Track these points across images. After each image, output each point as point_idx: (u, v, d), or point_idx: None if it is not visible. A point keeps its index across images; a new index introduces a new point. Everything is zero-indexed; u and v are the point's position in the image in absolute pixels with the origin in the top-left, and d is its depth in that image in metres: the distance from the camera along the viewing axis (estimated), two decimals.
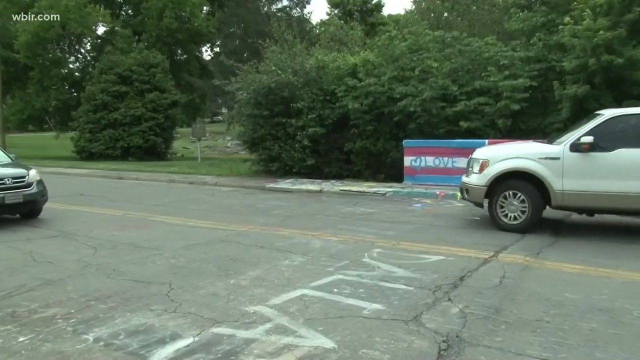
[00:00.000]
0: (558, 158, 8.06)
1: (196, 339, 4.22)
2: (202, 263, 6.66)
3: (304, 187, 14.38)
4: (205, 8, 38.19)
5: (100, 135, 27.22)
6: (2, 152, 11.17)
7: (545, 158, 8.18)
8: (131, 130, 27.02)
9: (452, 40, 15.04)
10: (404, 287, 5.53)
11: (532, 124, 13.55)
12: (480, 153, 9.14)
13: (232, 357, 3.88)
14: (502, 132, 13.44)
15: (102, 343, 4.17)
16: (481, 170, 8.70)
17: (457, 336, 4.22)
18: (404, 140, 14.26)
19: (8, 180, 9.37)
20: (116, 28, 32.59)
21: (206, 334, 4.31)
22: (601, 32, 10.88)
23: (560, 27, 12.44)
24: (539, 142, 9.19)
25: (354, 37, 23.24)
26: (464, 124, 13.34)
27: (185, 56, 38.11)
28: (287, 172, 16.57)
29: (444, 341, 4.12)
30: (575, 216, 9.64)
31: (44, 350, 4.05)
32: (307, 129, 15.61)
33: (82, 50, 34.93)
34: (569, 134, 8.37)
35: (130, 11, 37.63)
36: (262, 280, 5.83)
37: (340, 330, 4.36)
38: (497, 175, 8.48)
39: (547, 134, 13.01)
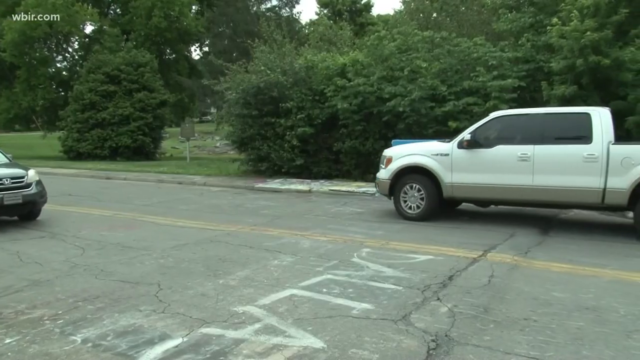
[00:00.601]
0: (447, 154, 9.22)
1: (185, 339, 4.21)
2: (191, 263, 6.63)
3: (293, 187, 14.38)
4: (194, 7, 38.06)
5: (88, 135, 27.02)
6: None
7: (437, 154, 9.35)
8: (119, 130, 26.85)
9: (441, 41, 15.09)
10: (393, 286, 5.55)
11: None
12: (387, 150, 10.32)
13: (221, 358, 3.87)
14: None
15: (90, 344, 4.14)
16: (387, 165, 9.87)
17: (446, 335, 4.23)
18: (393, 140, 14.26)
19: (6, 180, 9.08)
20: (104, 27, 32.33)
21: (195, 335, 4.29)
22: (588, 33, 10.96)
23: (548, 28, 12.52)
24: (441, 140, 10.09)
25: (343, 37, 23.27)
26: (452, 124, 13.38)
27: (174, 55, 37.92)
28: (276, 172, 16.56)
29: (432, 340, 4.14)
30: (563, 215, 9.72)
31: (30, 351, 4.02)
32: (296, 128, 15.61)
33: (70, 49, 34.68)
34: (463, 132, 9.34)
35: (118, 10, 37.37)
36: (251, 280, 5.81)
37: (329, 330, 4.37)
38: (398, 170, 9.66)
39: None
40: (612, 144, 8.10)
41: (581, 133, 8.30)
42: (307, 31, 39.25)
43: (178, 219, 9.84)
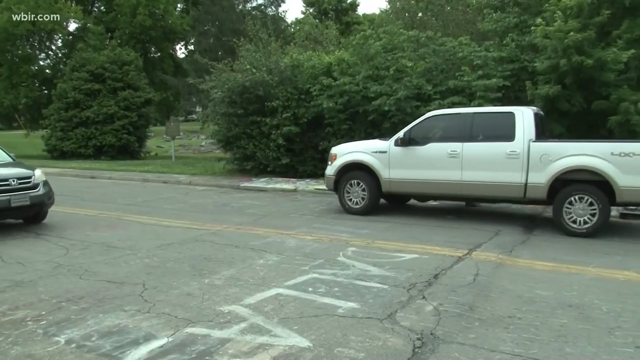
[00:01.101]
0: (385, 152, 9.78)
1: (170, 339, 4.18)
2: (176, 263, 6.60)
3: (278, 186, 14.36)
4: (179, 5, 37.86)
5: (72, 134, 26.77)
6: (1, 151, 10.30)
7: (377, 152, 9.90)
8: (104, 129, 26.63)
9: (426, 40, 15.14)
10: (378, 285, 5.56)
11: None
12: (334, 148, 10.85)
13: (207, 357, 3.86)
14: None
15: (74, 345, 4.11)
16: (332, 162, 10.45)
17: (431, 334, 4.25)
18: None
19: (13, 181, 8.58)
20: (88, 25, 32.05)
21: (180, 334, 4.27)
22: (571, 33, 11.06)
23: (533, 28, 12.61)
24: (382, 139, 10.62)
25: (329, 36, 23.27)
26: None
27: (159, 54, 37.70)
28: (262, 171, 16.53)
29: (418, 339, 4.16)
30: (547, 214, 9.80)
31: (13, 353, 3.97)
32: (282, 127, 15.60)
33: (53, 47, 34.35)
34: (401, 131, 9.86)
35: (102, 7, 37.06)
36: (236, 279, 5.80)
37: (315, 329, 4.37)
38: (342, 167, 10.23)
39: None
40: (533, 141, 8.55)
41: (505, 131, 8.76)
42: (292, 30, 39.21)
43: (163, 219, 9.78)
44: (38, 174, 9.20)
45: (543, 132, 9.46)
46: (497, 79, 13.10)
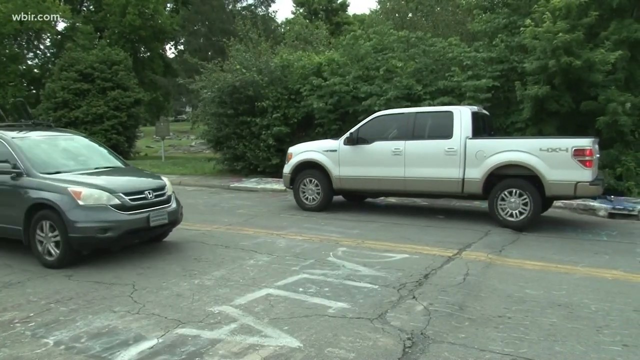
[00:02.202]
0: (336, 150, 10.23)
1: (160, 340, 4.17)
2: (166, 263, 6.57)
3: (268, 186, 14.33)
4: (169, 5, 37.73)
5: None
6: (107, 152, 8.45)
7: (328, 150, 10.36)
8: (93, 129, 26.36)
9: (416, 41, 15.16)
10: (369, 285, 5.57)
11: (495, 123, 13.77)
12: (290, 147, 11.23)
13: (197, 358, 3.85)
14: None
15: (62, 347, 4.08)
16: (288, 161, 10.92)
17: (421, 333, 4.27)
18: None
19: (149, 193, 6.97)
20: (77, 24, 31.87)
21: (170, 335, 4.26)
22: (560, 34, 11.11)
23: (522, 29, 12.65)
24: (334, 138, 11.10)
25: (319, 37, 23.24)
26: None
27: (148, 54, 37.57)
28: (252, 171, 16.50)
29: (408, 339, 4.17)
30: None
31: (0, 355, 3.94)
32: (272, 127, 15.58)
33: (42, 47, 34.11)
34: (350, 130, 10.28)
35: (91, 7, 36.88)
36: (226, 280, 5.79)
37: (305, 329, 4.37)
38: (297, 165, 10.70)
39: (510, 134, 13.28)
40: (469, 139, 8.98)
41: (444, 129, 9.22)
42: (283, 30, 39.18)
43: None
44: (168, 184, 7.66)
45: (484, 130, 9.96)
46: (487, 79, 13.14)
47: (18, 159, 6.89)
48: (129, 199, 6.66)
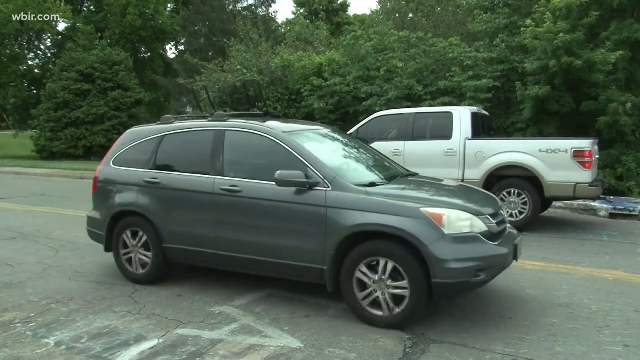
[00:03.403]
0: None
1: (161, 340, 4.17)
2: None
3: None
4: (169, 5, 37.72)
5: (61, 134, 26.53)
6: (391, 163, 6.08)
7: None
8: (94, 129, 26.43)
9: (417, 41, 15.18)
10: None
11: (495, 123, 13.78)
12: None
13: (198, 359, 3.85)
14: None
15: (63, 347, 4.08)
16: None
17: (422, 334, 4.26)
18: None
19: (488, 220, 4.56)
20: (78, 24, 31.87)
21: (171, 336, 4.26)
22: (561, 35, 11.12)
23: (522, 29, 12.67)
24: None
25: (320, 37, 23.29)
26: None
27: (149, 54, 37.54)
28: None
29: (409, 339, 4.17)
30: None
31: (1, 356, 3.94)
32: None
33: (42, 47, 34.12)
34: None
35: (92, 7, 36.88)
36: (227, 280, 5.78)
37: (306, 329, 4.37)
38: None
39: (510, 134, 13.29)
40: (468, 139, 9.04)
41: (444, 130, 9.27)
42: (283, 30, 39.16)
43: None
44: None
45: (484, 130, 9.97)
46: (488, 79, 13.16)
47: (309, 164, 4.72)
48: (496, 223, 4.60)
